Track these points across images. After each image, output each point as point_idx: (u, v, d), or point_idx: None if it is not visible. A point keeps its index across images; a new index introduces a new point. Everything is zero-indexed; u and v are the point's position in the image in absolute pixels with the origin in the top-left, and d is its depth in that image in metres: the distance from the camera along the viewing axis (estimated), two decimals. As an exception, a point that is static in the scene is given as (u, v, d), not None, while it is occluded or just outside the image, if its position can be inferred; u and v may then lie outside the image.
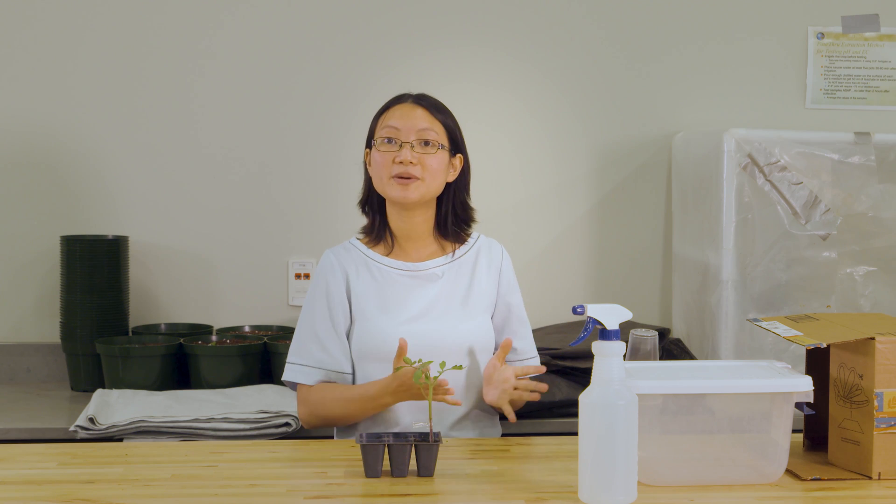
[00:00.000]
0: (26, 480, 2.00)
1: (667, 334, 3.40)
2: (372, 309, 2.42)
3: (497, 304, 2.51)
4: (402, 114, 2.43)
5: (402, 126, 2.41)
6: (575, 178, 3.57)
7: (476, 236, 2.54)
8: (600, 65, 3.56)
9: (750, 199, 3.08)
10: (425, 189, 2.41)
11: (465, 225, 2.52)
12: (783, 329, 2.15)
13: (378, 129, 2.45)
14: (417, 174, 2.38)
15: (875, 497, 1.95)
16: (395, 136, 2.41)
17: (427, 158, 2.40)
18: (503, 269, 2.52)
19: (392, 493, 1.92)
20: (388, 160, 2.40)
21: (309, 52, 3.47)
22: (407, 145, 2.39)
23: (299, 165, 3.48)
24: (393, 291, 2.44)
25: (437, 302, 2.45)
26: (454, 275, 2.48)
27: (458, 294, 2.47)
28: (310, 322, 2.44)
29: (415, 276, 2.46)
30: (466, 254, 2.51)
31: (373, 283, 2.45)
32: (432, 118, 2.43)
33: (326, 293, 2.44)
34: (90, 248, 3.22)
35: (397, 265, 2.46)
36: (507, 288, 2.52)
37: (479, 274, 2.49)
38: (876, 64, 3.61)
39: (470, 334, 2.43)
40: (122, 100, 3.43)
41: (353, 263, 2.47)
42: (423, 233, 2.48)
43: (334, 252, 2.49)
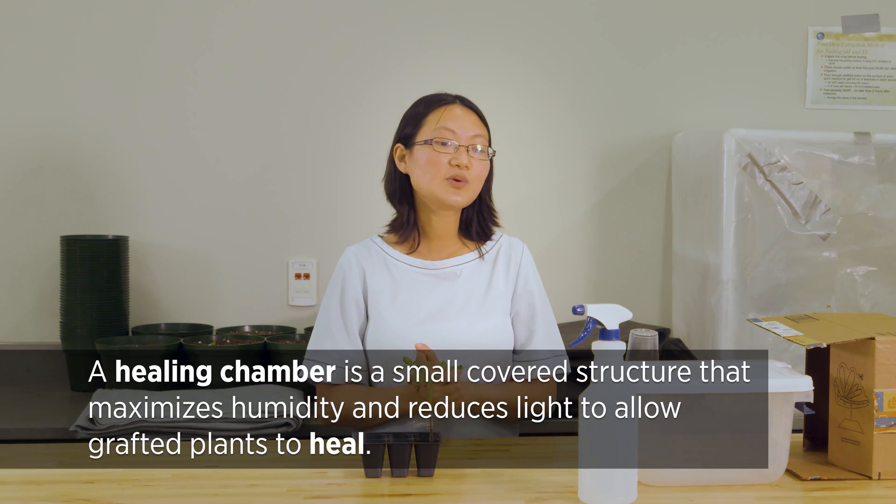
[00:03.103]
0: (26, 480, 2.00)
1: (667, 334, 3.40)
2: (387, 307, 2.43)
3: (514, 304, 2.50)
4: (454, 116, 2.45)
5: (457, 129, 2.43)
6: (575, 178, 3.57)
7: (499, 236, 2.55)
8: (600, 64, 3.56)
9: (750, 199, 3.08)
10: (472, 193, 2.45)
11: (490, 226, 2.53)
12: (783, 329, 2.15)
13: (428, 128, 2.45)
14: (470, 178, 2.42)
15: (875, 497, 1.95)
16: (450, 139, 2.43)
17: (476, 163, 2.44)
18: (521, 269, 2.51)
19: (392, 493, 1.92)
20: (443, 161, 2.41)
21: (308, 52, 3.47)
22: (463, 149, 2.42)
23: (299, 165, 3.48)
24: (410, 290, 2.44)
25: (454, 301, 2.44)
26: (473, 274, 2.48)
27: (477, 294, 2.46)
28: (325, 318, 2.45)
29: (433, 274, 2.46)
30: (487, 253, 2.52)
31: (390, 282, 2.45)
32: (480, 123, 2.49)
33: (342, 291, 2.45)
34: (90, 248, 3.22)
35: (417, 263, 2.47)
36: (525, 287, 2.50)
37: (497, 274, 2.49)
38: (876, 64, 3.61)
39: (486, 334, 2.43)
40: (121, 100, 3.42)
41: (371, 261, 2.47)
42: (450, 232, 2.49)
43: (353, 250, 2.50)
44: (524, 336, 2.47)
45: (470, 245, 2.51)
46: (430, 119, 2.46)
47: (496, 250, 2.52)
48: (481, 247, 2.51)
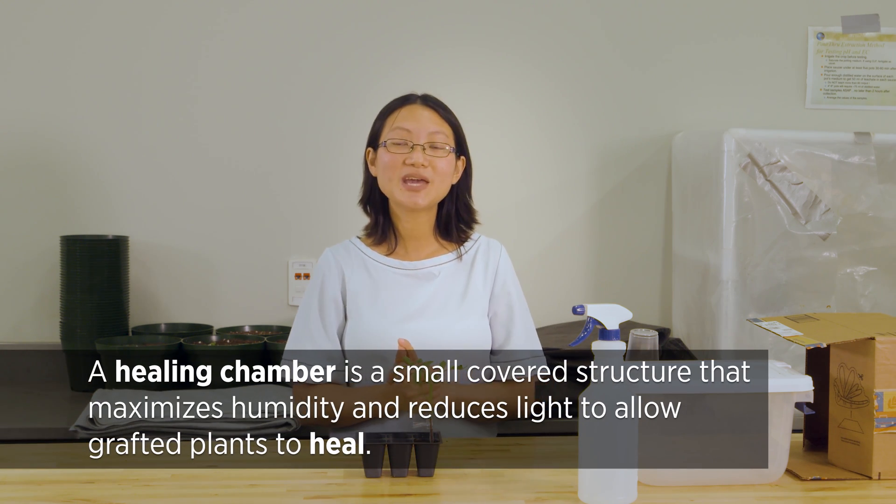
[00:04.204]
0: (26, 480, 2.00)
1: (667, 334, 3.40)
2: (366, 307, 2.43)
3: (492, 305, 2.50)
4: (413, 115, 2.43)
5: (412, 128, 2.41)
6: (575, 178, 3.57)
7: (477, 237, 2.54)
8: (600, 65, 3.56)
9: (750, 199, 3.08)
10: (435, 193, 2.42)
11: (466, 226, 2.52)
12: (783, 329, 2.15)
13: (387, 129, 2.45)
14: (428, 176, 2.39)
15: (875, 497, 1.95)
16: (406, 139, 2.41)
17: (437, 161, 2.40)
18: (499, 270, 2.51)
19: (392, 493, 1.92)
20: (399, 162, 2.40)
21: (308, 52, 3.47)
22: (418, 147, 2.40)
23: (299, 165, 3.48)
24: (389, 290, 2.44)
25: (433, 301, 2.44)
26: (452, 274, 2.48)
27: (455, 294, 2.46)
28: (304, 318, 2.46)
29: (411, 274, 2.46)
30: (465, 254, 2.51)
31: (369, 282, 2.45)
32: (441, 120, 2.44)
33: (320, 291, 2.45)
34: (90, 248, 3.22)
35: (395, 264, 2.47)
36: (502, 288, 2.50)
37: (475, 274, 2.49)
38: (876, 64, 3.61)
39: (465, 333, 2.43)
40: (121, 100, 3.42)
41: (350, 262, 2.47)
42: (425, 232, 2.48)
43: (333, 251, 2.50)
44: (502, 336, 2.48)
45: (448, 246, 2.51)
46: (389, 120, 2.46)
47: (474, 251, 2.51)
48: (460, 247, 2.51)
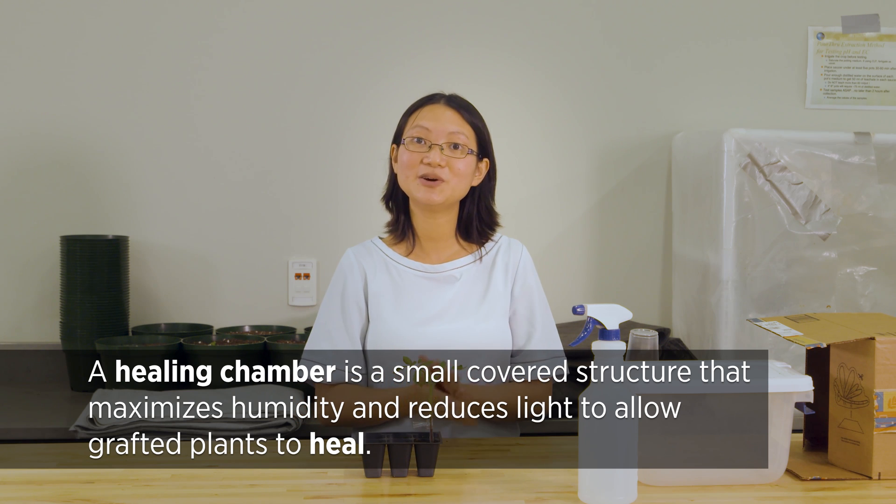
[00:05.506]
0: (26, 480, 2.00)
1: (667, 334, 3.40)
2: (388, 310, 2.42)
3: (513, 304, 2.49)
4: (434, 115, 2.43)
5: (432, 127, 2.41)
6: (575, 178, 3.57)
7: (498, 237, 2.53)
8: (600, 65, 3.56)
9: (750, 199, 3.08)
10: (450, 192, 2.41)
11: (488, 229, 2.51)
12: (783, 329, 2.15)
13: (408, 127, 2.45)
14: (445, 176, 2.38)
15: (875, 497, 1.95)
16: (425, 137, 2.41)
17: (455, 162, 2.40)
18: (520, 270, 2.49)
19: (392, 493, 1.92)
20: (416, 160, 2.40)
21: (309, 52, 3.47)
22: (436, 147, 2.39)
23: (299, 166, 3.48)
24: (410, 293, 2.44)
25: (453, 304, 2.44)
26: (472, 277, 2.47)
27: (475, 296, 2.46)
28: (325, 319, 2.45)
29: (432, 277, 2.45)
30: (486, 255, 2.51)
31: (390, 284, 2.45)
32: (463, 121, 2.44)
33: (342, 292, 2.45)
34: (90, 248, 3.22)
35: (415, 266, 2.46)
36: (523, 288, 2.49)
37: (496, 275, 2.48)
38: (876, 64, 3.61)
39: (486, 336, 2.42)
40: (122, 100, 3.43)
41: (372, 263, 2.47)
42: (445, 234, 2.48)
43: (355, 251, 2.50)
44: (523, 337, 2.47)
45: (468, 247, 2.50)
46: (412, 118, 2.46)
47: (495, 252, 2.51)
48: (480, 248, 2.51)
